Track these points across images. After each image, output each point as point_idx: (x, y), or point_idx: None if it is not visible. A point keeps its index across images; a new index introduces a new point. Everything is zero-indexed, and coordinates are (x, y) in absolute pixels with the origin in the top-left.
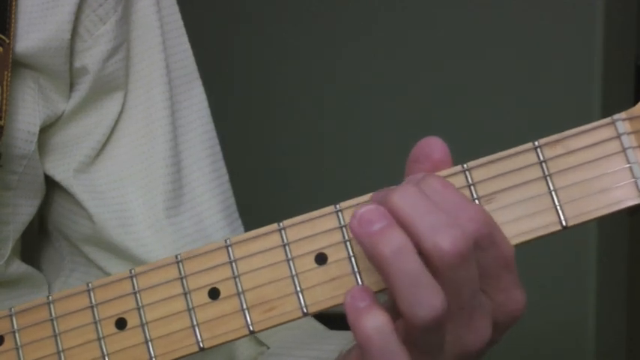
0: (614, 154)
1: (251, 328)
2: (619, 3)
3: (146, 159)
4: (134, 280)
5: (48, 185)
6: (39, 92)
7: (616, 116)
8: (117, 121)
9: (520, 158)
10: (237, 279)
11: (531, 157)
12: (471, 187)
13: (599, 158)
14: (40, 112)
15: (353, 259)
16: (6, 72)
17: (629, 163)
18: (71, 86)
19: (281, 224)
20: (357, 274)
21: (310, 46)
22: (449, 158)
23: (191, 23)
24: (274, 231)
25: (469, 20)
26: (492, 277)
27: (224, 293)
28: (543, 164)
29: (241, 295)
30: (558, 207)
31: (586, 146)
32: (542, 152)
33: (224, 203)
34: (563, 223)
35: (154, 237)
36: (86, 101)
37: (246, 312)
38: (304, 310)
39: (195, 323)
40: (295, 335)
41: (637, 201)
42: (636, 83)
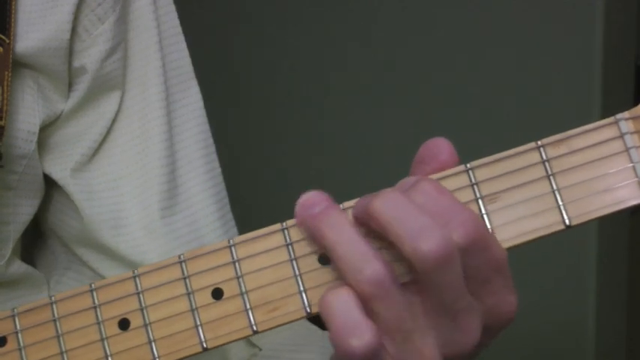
0: (617, 154)
1: (255, 328)
2: (619, 3)
3: (141, 159)
4: (137, 281)
5: (45, 185)
6: (39, 92)
7: (619, 116)
8: (113, 121)
9: (523, 158)
10: (240, 279)
11: (534, 157)
12: (474, 187)
13: (602, 158)
14: (40, 112)
15: None
16: (6, 72)
17: (632, 163)
18: (70, 86)
19: (284, 224)
20: None
21: (310, 46)
22: (455, 159)
23: (191, 23)
24: (277, 231)
25: (469, 20)
26: (483, 281)
27: (227, 293)
28: (546, 163)
29: (245, 295)
30: (562, 206)
31: (589, 146)
32: (545, 152)
33: (218, 204)
34: (566, 223)
35: (147, 238)
36: (84, 101)
37: (249, 312)
38: (308, 310)
39: (198, 323)
40: (288, 337)
41: None
42: (636, 83)
